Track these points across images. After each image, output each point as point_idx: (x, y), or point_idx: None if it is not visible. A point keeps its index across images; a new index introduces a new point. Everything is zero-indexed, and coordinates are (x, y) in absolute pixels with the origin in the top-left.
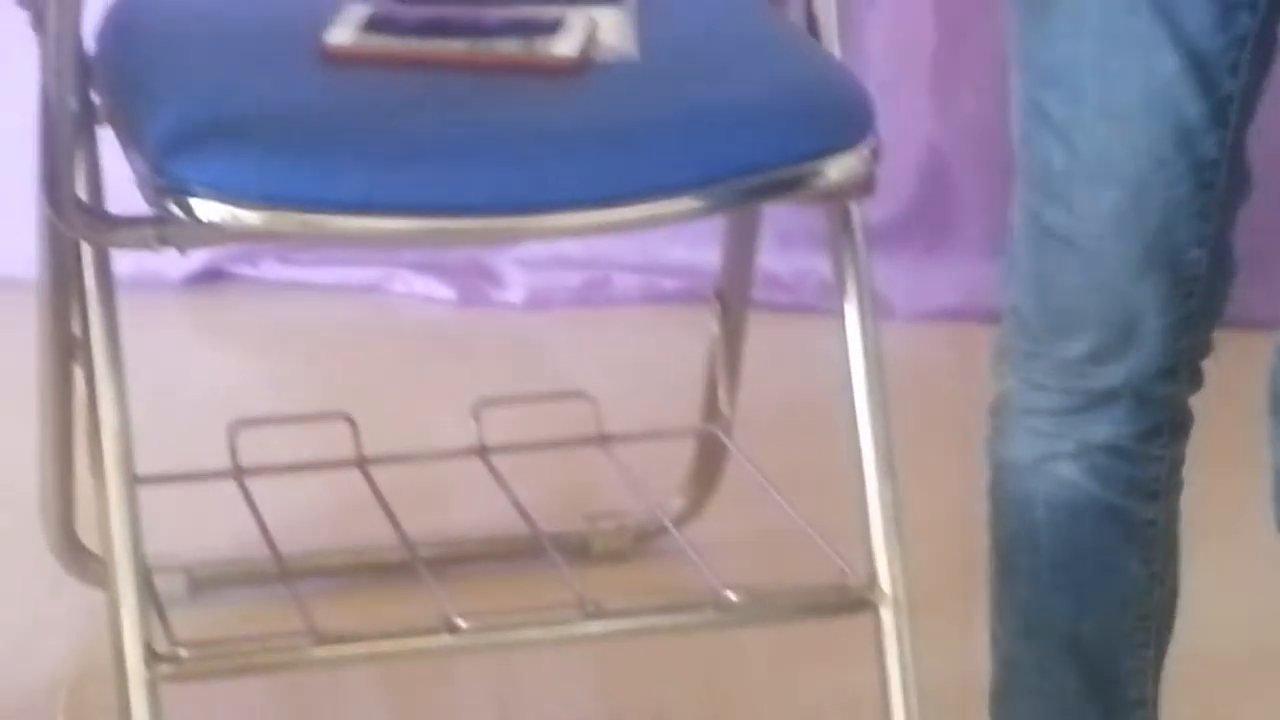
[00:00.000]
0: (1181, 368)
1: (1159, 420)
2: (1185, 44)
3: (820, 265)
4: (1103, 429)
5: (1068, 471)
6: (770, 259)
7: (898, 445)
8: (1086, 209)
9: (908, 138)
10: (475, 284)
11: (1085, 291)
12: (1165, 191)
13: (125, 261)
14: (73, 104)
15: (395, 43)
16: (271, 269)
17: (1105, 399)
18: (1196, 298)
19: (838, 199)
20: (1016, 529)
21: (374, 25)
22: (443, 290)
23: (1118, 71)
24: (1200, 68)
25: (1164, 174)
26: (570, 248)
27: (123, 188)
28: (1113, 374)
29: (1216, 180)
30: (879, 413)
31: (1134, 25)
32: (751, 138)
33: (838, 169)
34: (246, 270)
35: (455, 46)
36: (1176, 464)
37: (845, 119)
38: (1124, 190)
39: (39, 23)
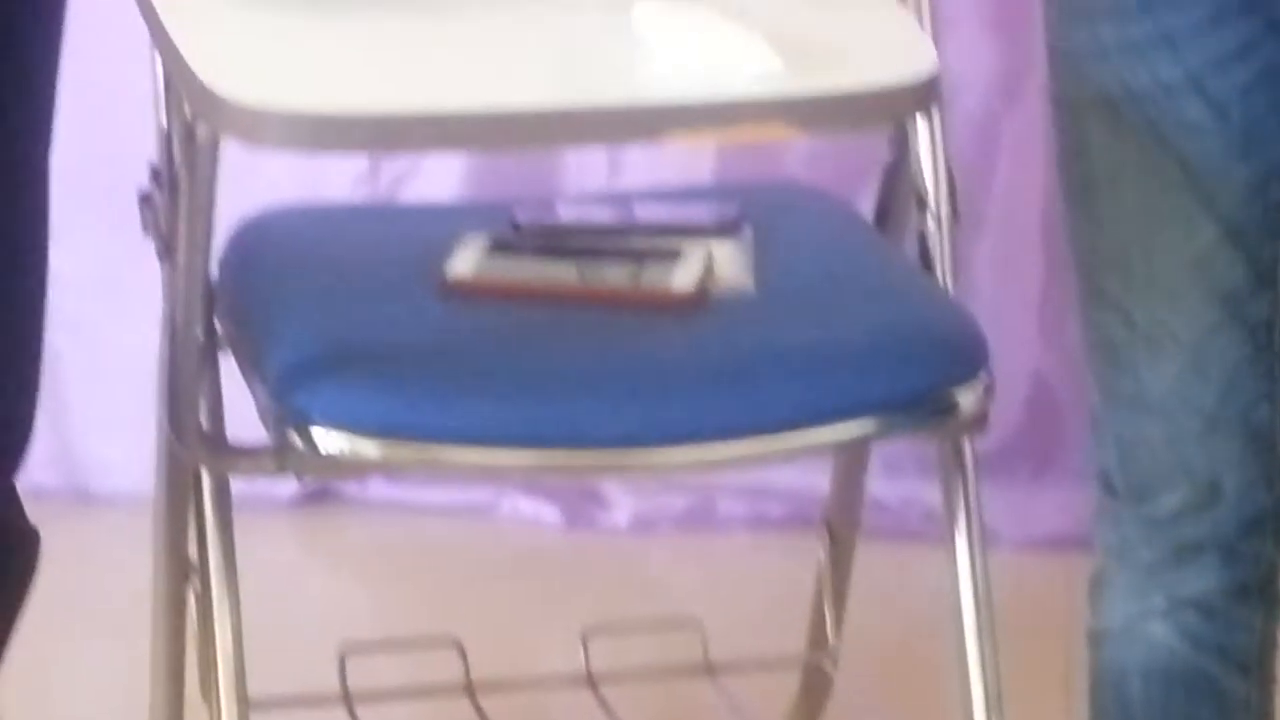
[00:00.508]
0: (1266, 522)
1: (1246, 579)
2: (1221, 215)
3: (926, 492)
4: (1191, 583)
5: (1160, 632)
6: (876, 485)
7: (1003, 675)
8: (1152, 377)
9: (1014, 367)
10: (581, 506)
11: (1163, 452)
12: (1223, 355)
13: (234, 480)
14: (198, 333)
15: (514, 275)
16: (379, 489)
17: (1193, 552)
18: (1274, 452)
19: (950, 435)
20: (1112, 708)
21: (493, 257)
22: (549, 512)
23: (1161, 246)
24: (1238, 235)
25: (1219, 339)
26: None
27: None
28: (1198, 527)
29: (1273, 339)
30: (988, 649)
31: (1171, 201)
32: (866, 376)
33: (950, 407)
34: (354, 490)
35: (574, 280)
36: (1268, 644)
37: (959, 357)
38: (1183, 357)
39: (165, 251)
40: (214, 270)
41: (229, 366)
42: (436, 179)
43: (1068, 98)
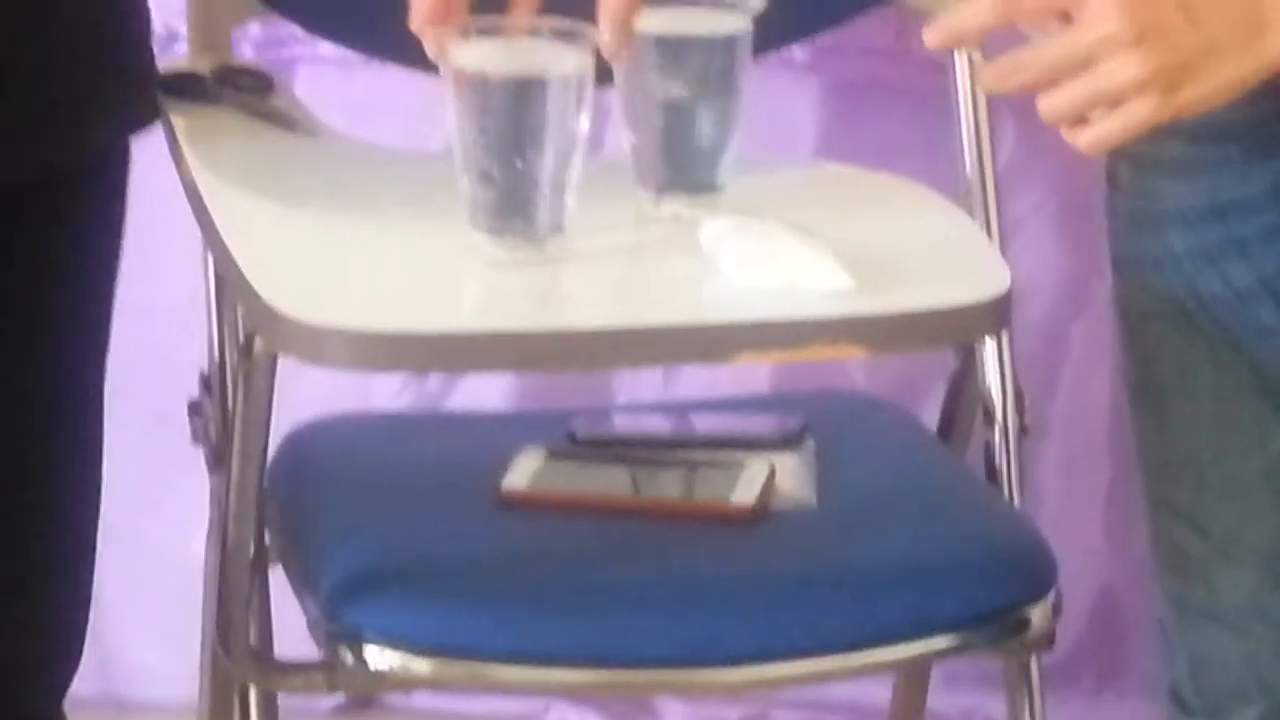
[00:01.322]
0: None
1: None
2: None
3: (986, 704)
4: None
5: None
6: (934, 696)
7: None
8: (1226, 587)
9: (1079, 577)
10: (630, 716)
11: (1237, 666)
12: None
13: None
14: (250, 548)
15: (570, 488)
16: (423, 697)
17: None
18: None
19: (1016, 653)
20: None
21: (548, 469)
22: None
23: (1233, 453)
24: None
25: None
26: None
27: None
28: None
29: None
30: None
31: (1243, 408)
32: (931, 595)
33: (1017, 627)
34: (397, 699)
35: (633, 493)
36: None
37: (1027, 576)
38: (1258, 567)
39: (216, 462)
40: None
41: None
42: (486, 381)
43: (1136, 305)
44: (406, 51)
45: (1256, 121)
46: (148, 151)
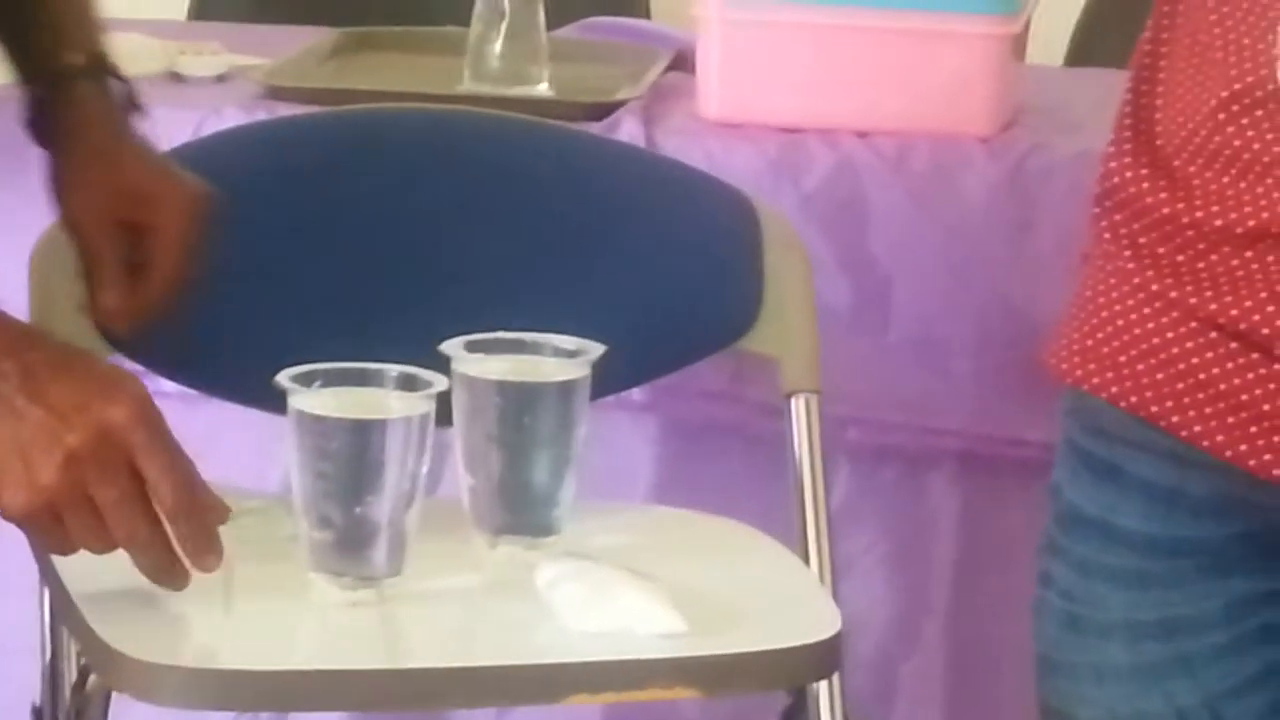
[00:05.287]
0: None
1: None
2: None
3: None
4: None
5: None
6: None
7: None
8: None
9: None
10: None
11: None
12: None
13: None
14: None
15: None
16: None
17: None
18: None
19: None
20: None
21: None
22: None
23: None
24: None
25: None
26: None
27: None
28: None
29: None
30: None
31: None
32: None
33: None
34: None
35: None
36: None
37: None
38: None
39: None
40: None
41: None
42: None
43: (1071, 713)
44: (245, 389)
45: (1216, 540)
46: None
